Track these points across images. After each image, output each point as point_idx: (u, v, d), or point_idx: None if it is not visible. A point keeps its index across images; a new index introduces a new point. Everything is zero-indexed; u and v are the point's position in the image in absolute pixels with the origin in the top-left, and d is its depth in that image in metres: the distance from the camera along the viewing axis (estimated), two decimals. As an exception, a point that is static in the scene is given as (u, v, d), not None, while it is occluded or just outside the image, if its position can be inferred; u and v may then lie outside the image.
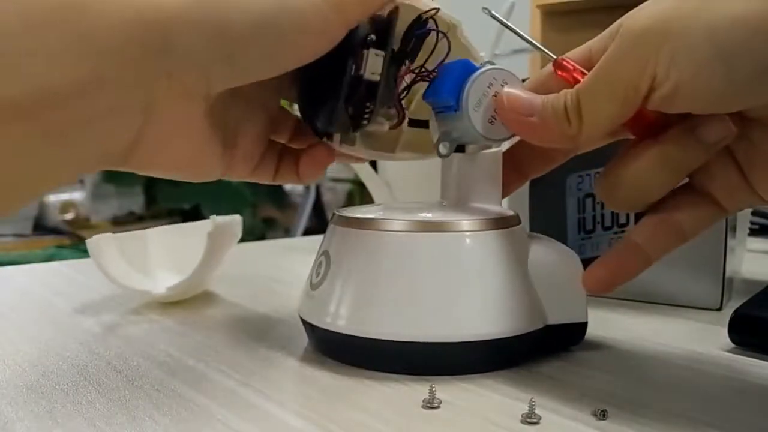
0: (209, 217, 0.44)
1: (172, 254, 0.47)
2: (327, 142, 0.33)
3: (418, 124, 0.35)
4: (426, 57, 0.32)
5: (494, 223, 0.32)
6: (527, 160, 0.34)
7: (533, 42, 0.32)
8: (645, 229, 0.29)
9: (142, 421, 0.26)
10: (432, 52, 0.32)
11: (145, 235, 0.47)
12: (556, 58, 0.30)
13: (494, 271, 0.31)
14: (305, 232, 2.28)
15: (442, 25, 0.32)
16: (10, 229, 2.09)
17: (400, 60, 0.32)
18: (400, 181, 0.59)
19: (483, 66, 0.31)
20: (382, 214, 0.33)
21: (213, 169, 0.30)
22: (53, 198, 2.22)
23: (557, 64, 0.30)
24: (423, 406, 0.27)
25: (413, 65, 0.32)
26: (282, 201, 2.51)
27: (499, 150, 0.34)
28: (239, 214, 0.47)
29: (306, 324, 0.34)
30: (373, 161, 0.62)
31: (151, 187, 2.36)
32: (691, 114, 0.27)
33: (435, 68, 0.32)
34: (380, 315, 0.30)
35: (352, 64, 0.30)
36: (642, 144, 0.28)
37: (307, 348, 0.35)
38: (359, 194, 2.33)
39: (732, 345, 0.35)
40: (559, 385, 0.29)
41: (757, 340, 0.34)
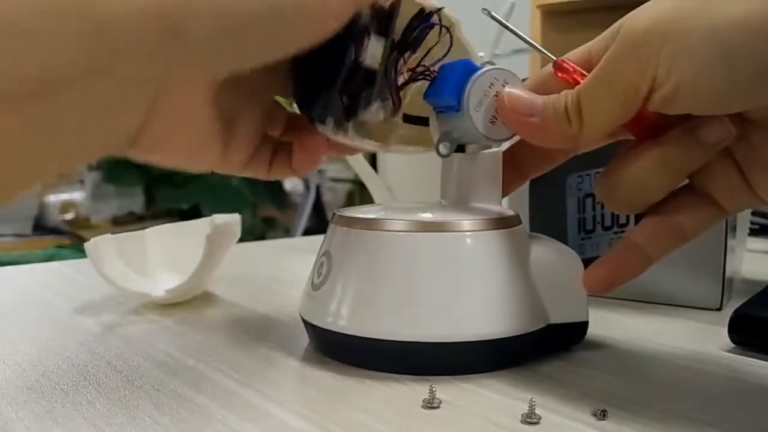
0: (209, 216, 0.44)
1: (171, 254, 0.47)
2: (321, 131, 0.33)
3: (412, 120, 0.35)
4: (427, 51, 0.32)
5: (495, 223, 0.32)
6: (527, 160, 0.34)
7: (533, 43, 0.32)
8: (645, 230, 0.29)
9: (142, 421, 0.26)
10: (435, 45, 0.32)
11: (144, 235, 0.47)
12: (556, 60, 0.30)
13: (496, 270, 0.31)
14: (305, 232, 2.28)
15: (444, 22, 0.32)
16: (10, 229, 2.09)
17: (401, 50, 0.32)
18: (400, 182, 0.59)
19: (484, 66, 0.31)
20: (384, 214, 0.33)
21: (211, 158, 0.30)
22: (53, 198, 2.22)
23: (557, 66, 0.30)
24: (423, 406, 0.27)
25: (414, 57, 0.32)
26: (282, 201, 2.51)
27: (499, 150, 0.34)
28: (239, 214, 0.47)
29: (307, 324, 0.34)
30: (373, 161, 0.62)
31: (151, 187, 2.36)
32: (691, 115, 0.27)
33: (433, 64, 0.32)
34: (381, 315, 0.30)
35: (353, 50, 0.30)
36: (642, 145, 0.28)
37: (307, 348, 0.35)
38: (359, 194, 2.33)
39: (732, 345, 0.35)
40: (559, 385, 0.29)
41: (757, 340, 0.34)
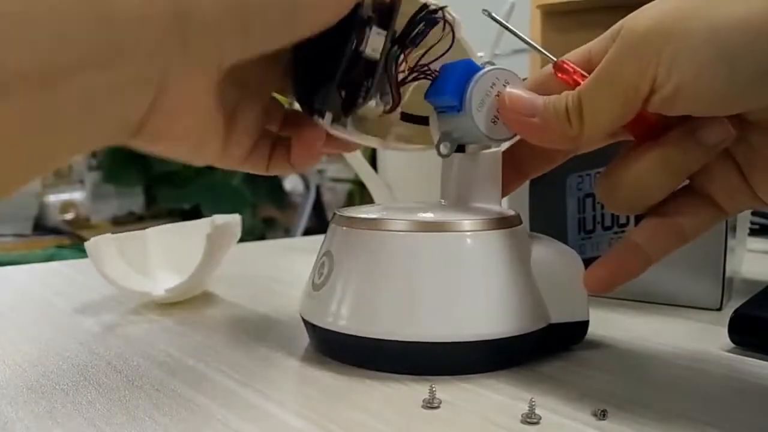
0: (209, 217, 0.44)
1: (172, 254, 0.47)
2: (319, 123, 0.32)
3: (411, 119, 0.35)
4: (427, 49, 0.32)
5: (496, 223, 0.32)
6: (527, 160, 0.34)
7: (533, 44, 0.32)
8: (645, 231, 0.29)
9: (142, 421, 0.26)
10: (436, 44, 0.32)
11: (145, 235, 0.47)
12: (556, 60, 0.30)
13: (496, 270, 0.31)
14: (305, 232, 2.29)
15: (447, 19, 0.32)
16: (10, 229, 2.09)
17: (402, 45, 0.32)
18: (400, 182, 0.59)
19: (485, 66, 0.31)
20: (384, 214, 0.33)
21: (212, 151, 0.30)
22: (53, 198, 2.22)
23: (557, 67, 0.30)
24: (423, 406, 0.27)
25: (415, 51, 0.32)
26: (282, 201, 2.51)
27: (499, 150, 0.34)
28: (239, 214, 0.47)
29: (307, 324, 0.34)
30: (373, 161, 0.62)
31: (151, 187, 2.36)
32: (692, 117, 0.27)
33: (434, 60, 0.32)
34: (382, 315, 0.30)
35: (354, 41, 0.30)
36: (642, 146, 0.28)
37: (307, 348, 0.35)
38: (359, 194, 2.33)
39: (732, 345, 0.35)
40: (559, 385, 0.29)
41: (757, 340, 0.34)
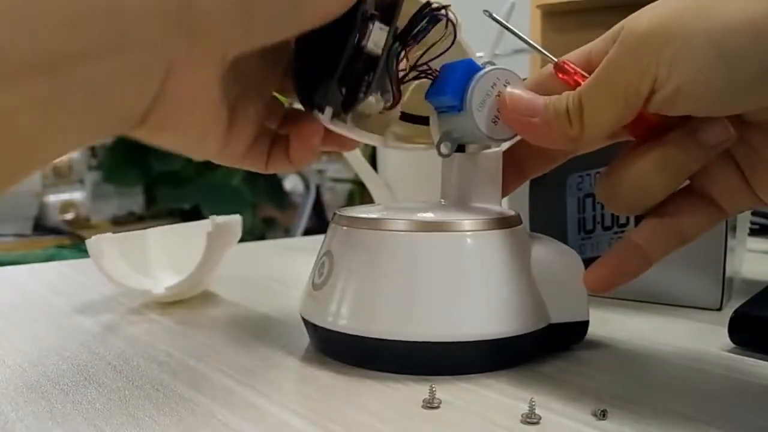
0: (209, 217, 0.44)
1: (172, 254, 0.47)
2: (318, 119, 0.32)
3: (411, 118, 0.35)
4: (428, 48, 0.32)
5: (496, 223, 0.32)
6: (527, 160, 0.34)
7: (533, 44, 0.32)
8: (645, 231, 0.29)
9: (142, 421, 0.26)
10: (437, 42, 0.32)
11: (145, 235, 0.47)
12: (557, 61, 0.30)
13: (496, 270, 0.31)
14: (305, 232, 2.29)
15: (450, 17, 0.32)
16: (10, 229, 2.09)
17: (403, 41, 0.32)
18: (400, 182, 0.59)
19: (486, 66, 0.31)
20: (384, 214, 0.33)
21: (213, 145, 0.30)
22: (53, 198, 2.22)
23: (558, 67, 0.30)
24: (423, 406, 0.27)
25: (416, 49, 0.32)
26: (282, 201, 2.51)
27: (499, 150, 0.34)
28: (239, 214, 0.47)
29: (308, 324, 0.34)
30: (373, 161, 0.62)
31: (151, 187, 2.36)
32: (692, 117, 0.27)
33: (434, 58, 0.32)
34: (382, 314, 0.30)
35: (356, 36, 0.30)
36: (643, 146, 0.28)
37: (307, 348, 0.35)
38: (359, 194, 2.33)
39: (732, 345, 0.35)
40: (559, 385, 0.29)
41: (757, 340, 0.34)
